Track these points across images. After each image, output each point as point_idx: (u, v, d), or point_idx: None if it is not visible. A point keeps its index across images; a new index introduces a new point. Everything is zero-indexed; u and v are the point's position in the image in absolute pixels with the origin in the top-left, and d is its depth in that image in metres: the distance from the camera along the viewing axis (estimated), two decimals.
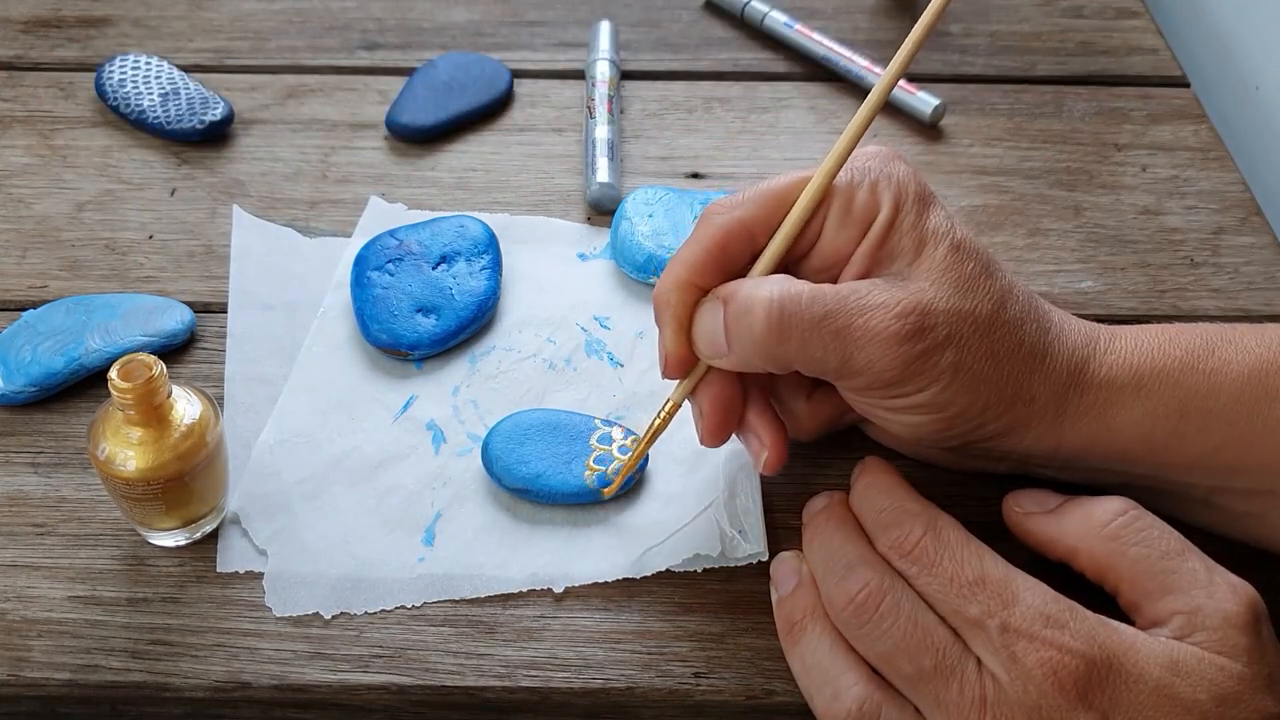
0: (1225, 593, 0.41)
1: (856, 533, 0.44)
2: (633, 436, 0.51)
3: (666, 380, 0.48)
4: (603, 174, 0.63)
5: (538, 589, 0.48)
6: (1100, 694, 0.38)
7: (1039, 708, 0.38)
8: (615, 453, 0.50)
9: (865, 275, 0.45)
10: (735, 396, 0.47)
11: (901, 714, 0.41)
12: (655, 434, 0.49)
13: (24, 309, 0.56)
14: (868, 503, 0.44)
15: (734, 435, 0.49)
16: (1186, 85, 0.72)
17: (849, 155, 0.46)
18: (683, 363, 0.47)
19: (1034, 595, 0.40)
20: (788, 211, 0.46)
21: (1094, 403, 0.45)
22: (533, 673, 0.46)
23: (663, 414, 0.48)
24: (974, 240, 0.46)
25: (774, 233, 0.46)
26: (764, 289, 0.44)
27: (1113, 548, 0.42)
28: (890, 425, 0.47)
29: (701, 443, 0.48)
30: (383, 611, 0.47)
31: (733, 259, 0.46)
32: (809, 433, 0.51)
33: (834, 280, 0.46)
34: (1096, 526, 0.43)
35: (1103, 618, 0.40)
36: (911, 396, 0.44)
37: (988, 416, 0.45)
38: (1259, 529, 0.48)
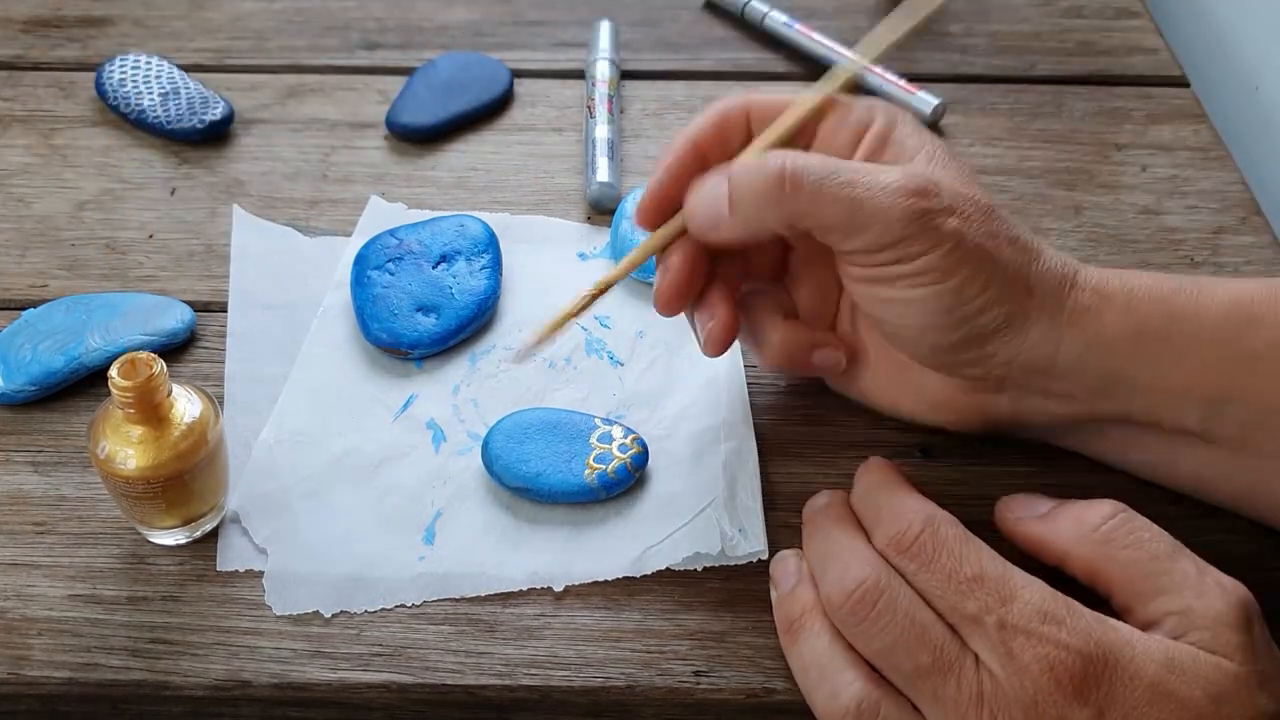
0: (1216, 592, 0.41)
1: (855, 530, 0.44)
2: (633, 435, 0.51)
3: (637, 226, 0.49)
4: (603, 174, 0.63)
5: (538, 588, 0.48)
6: (1096, 690, 0.38)
7: (1035, 704, 0.38)
8: (615, 451, 0.50)
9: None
10: (703, 262, 0.48)
11: (900, 711, 0.41)
12: (595, 296, 0.49)
13: (24, 308, 0.56)
14: (868, 500, 0.45)
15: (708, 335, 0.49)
16: (1186, 85, 0.72)
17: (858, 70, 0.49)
18: (656, 210, 0.48)
19: (1031, 592, 0.40)
20: (784, 106, 0.48)
21: (1089, 303, 0.46)
22: (533, 671, 0.46)
23: (614, 273, 0.49)
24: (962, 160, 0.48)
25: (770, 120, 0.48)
26: (773, 155, 0.45)
27: (1104, 551, 0.43)
28: (891, 311, 0.47)
29: (656, 304, 0.49)
30: (383, 610, 0.47)
31: (730, 135, 0.48)
32: (781, 359, 0.51)
33: None
34: (1087, 530, 0.43)
35: (1100, 615, 0.40)
36: (915, 260, 0.44)
37: (991, 296, 0.45)
38: (1248, 471, 0.48)
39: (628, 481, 0.50)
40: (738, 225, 0.46)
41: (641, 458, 0.51)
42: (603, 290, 0.49)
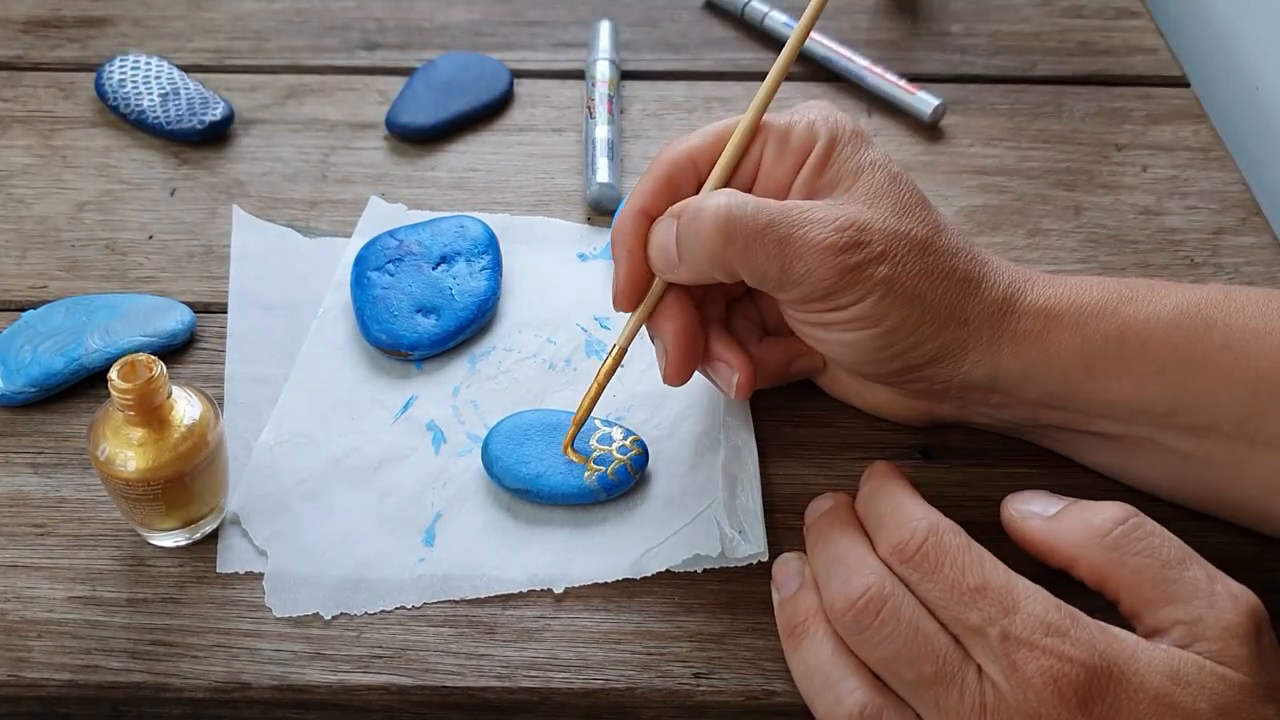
0: (1227, 602, 0.41)
1: (860, 536, 0.44)
2: (633, 436, 0.51)
3: (619, 313, 0.50)
4: (603, 174, 0.63)
5: (538, 589, 0.48)
6: (1100, 703, 0.38)
7: (1039, 716, 0.38)
8: (615, 453, 0.50)
9: (806, 198, 0.47)
10: (696, 330, 0.49)
11: (903, 719, 0.41)
12: (604, 381, 0.50)
13: (24, 309, 0.56)
14: (872, 506, 0.45)
15: (706, 378, 0.51)
16: (1186, 85, 0.72)
17: (779, 81, 0.49)
18: (633, 292, 0.49)
19: (1035, 603, 0.40)
20: (723, 142, 0.49)
21: (1031, 328, 0.46)
22: (533, 673, 0.46)
23: (614, 351, 0.49)
24: (908, 176, 0.48)
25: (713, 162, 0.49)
26: (713, 199, 0.46)
27: (1113, 557, 0.42)
28: (831, 348, 0.48)
29: (666, 381, 0.49)
30: (383, 612, 0.47)
31: (679, 188, 0.49)
32: (764, 375, 0.52)
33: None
34: (1097, 535, 0.43)
35: (1104, 625, 0.40)
36: (847, 310, 0.45)
37: (923, 334, 0.46)
38: (1205, 477, 0.48)
39: (628, 483, 0.50)
40: (687, 273, 0.47)
41: (641, 459, 0.51)
42: (618, 359, 0.50)
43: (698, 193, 0.49)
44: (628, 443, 0.51)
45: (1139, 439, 0.48)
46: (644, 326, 0.50)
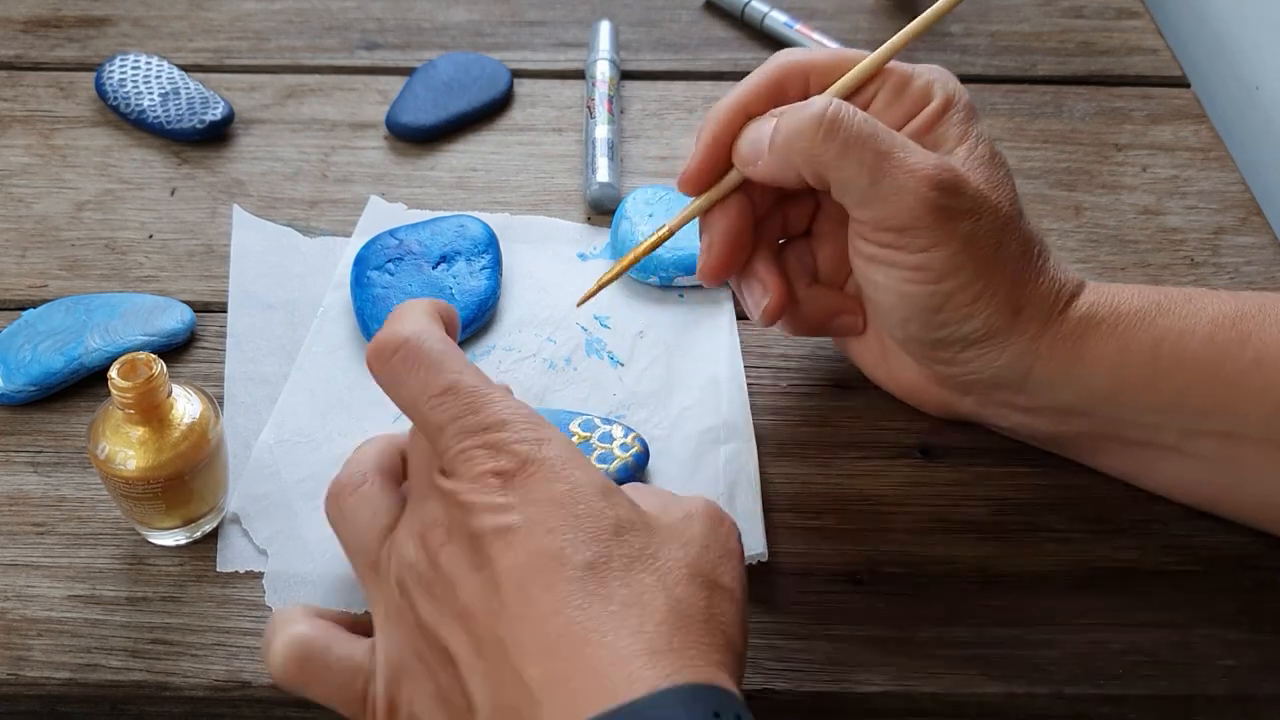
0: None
1: (389, 443, 0.44)
2: (634, 434, 0.51)
3: (680, 193, 0.49)
4: (603, 174, 0.63)
5: None
6: (514, 484, 0.37)
7: (450, 495, 0.38)
8: (617, 451, 0.50)
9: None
10: (747, 234, 0.49)
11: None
12: (648, 250, 0.49)
13: (24, 308, 0.56)
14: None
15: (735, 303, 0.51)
16: (1186, 85, 0.72)
17: (925, 29, 0.48)
18: (701, 179, 0.48)
19: (499, 406, 0.39)
20: (844, 67, 0.48)
21: (1071, 332, 0.46)
22: None
23: (662, 231, 0.49)
24: (1006, 158, 0.48)
25: (830, 84, 0.48)
26: (822, 99, 0.45)
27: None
28: (885, 295, 0.47)
29: (700, 276, 0.49)
30: None
31: (785, 95, 0.48)
32: (800, 325, 0.52)
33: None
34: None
35: (540, 419, 0.40)
36: (918, 253, 0.45)
37: (978, 307, 0.46)
38: (1228, 481, 0.48)
39: (629, 481, 0.50)
40: (773, 164, 0.46)
41: (643, 457, 0.50)
42: (664, 238, 0.49)
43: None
44: (629, 440, 0.51)
45: (1163, 446, 0.48)
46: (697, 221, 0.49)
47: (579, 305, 0.51)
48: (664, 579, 0.36)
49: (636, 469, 0.50)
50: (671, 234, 0.49)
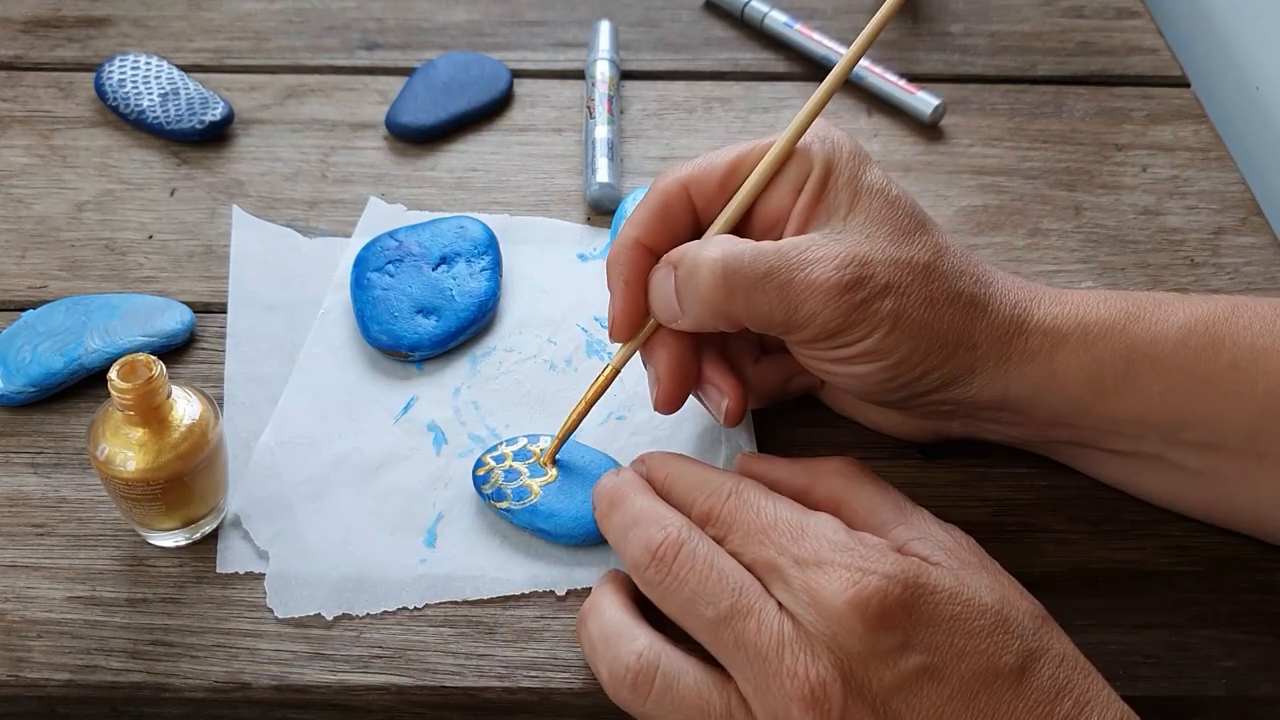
0: (933, 523, 0.43)
1: (655, 496, 0.44)
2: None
3: (612, 344, 0.49)
4: (603, 174, 0.63)
5: (539, 590, 0.48)
6: (905, 616, 0.38)
7: (837, 639, 0.38)
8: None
9: (803, 231, 0.46)
10: (690, 359, 0.48)
11: (684, 663, 0.40)
12: (594, 399, 0.49)
13: (24, 309, 0.56)
14: (678, 483, 0.44)
15: (696, 401, 0.50)
16: (1186, 85, 0.72)
17: (802, 132, 0.47)
18: (629, 325, 0.48)
19: (823, 526, 0.40)
20: (725, 175, 0.47)
21: (1039, 348, 0.46)
22: (533, 673, 0.46)
23: (602, 377, 0.49)
24: (909, 197, 0.47)
25: (713, 194, 0.47)
26: (708, 250, 0.45)
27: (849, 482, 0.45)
28: (839, 379, 0.47)
29: (656, 409, 0.49)
30: (383, 612, 0.47)
31: (675, 218, 0.48)
32: (758, 399, 0.52)
33: (776, 238, 0.46)
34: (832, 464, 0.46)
35: (884, 543, 0.41)
36: (855, 345, 0.45)
37: (930, 363, 0.45)
38: (1214, 491, 0.48)
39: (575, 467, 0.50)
40: (691, 322, 0.46)
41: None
42: (610, 380, 0.49)
43: (693, 220, 0.48)
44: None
45: (1148, 455, 0.48)
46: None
47: (546, 462, 0.50)
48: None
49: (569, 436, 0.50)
50: (616, 374, 0.49)
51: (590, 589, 0.48)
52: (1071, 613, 0.47)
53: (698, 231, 0.48)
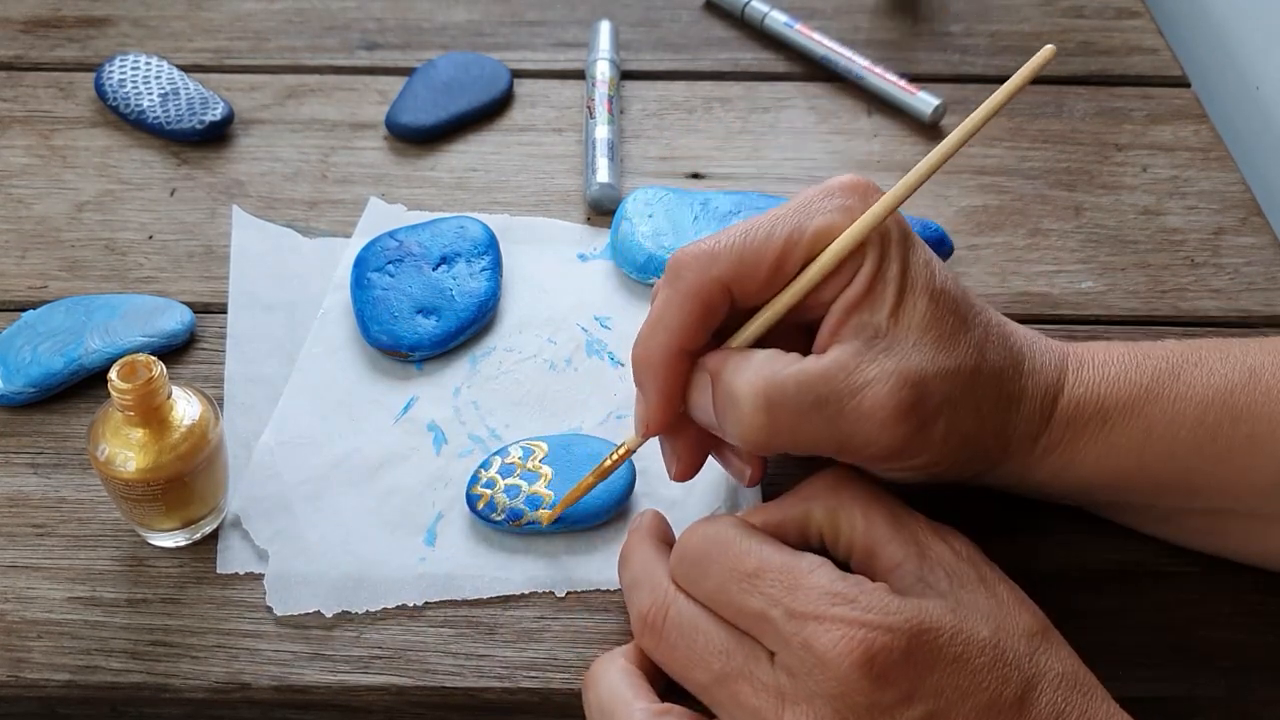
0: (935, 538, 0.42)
1: (655, 553, 0.44)
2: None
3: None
4: (603, 174, 0.63)
5: (539, 591, 0.48)
6: (907, 666, 0.37)
7: (840, 695, 0.37)
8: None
9: (844, 322, 0.43)
10: (709, 438, 0.46)
11: None
12: (606, 472, 0.47)
13: (24, 309, 0.56)
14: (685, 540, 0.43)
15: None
16: (1186, 85, 0.72)
17: (872, 231, 0.43)
18: (665, 422, 0.45)
19: (819, 575, 0.39)
20: (772, 269, 0.43)
21: (1059, 440, 0.45)
22: (533, 674, 0.46)
23: (621, 451, 0.47)
24: (950, 282, 0.44)
25: (758, 289, 0.44)
26: (745, 376, 0.42)
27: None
28: (874, 472, 0.45)
29: (672, 479, 0.47)
30: (383, 612, 0.47)
31: (715, 317, 0.44)
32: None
33: (811, 322, 0.44)
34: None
35: (885, 586, 0.39)
36: (909, 461, 0.43)
37: (970, 467, 0.45)
38: (1219, 544, 0.48)
39: (576, 516, 0.49)
40: (733, 441, 0.44)
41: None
42: (625, 457, 0.47)
43: (731, 310, 0.44)
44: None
45: (1156, 518, 0.49)
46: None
47: (546, 523, 0.48)
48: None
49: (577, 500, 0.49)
50: (630, 453, 0.47)
51: (590, 589, 0.48)
52: (1071, 613, 0.47)
53: (736, 316, 0.45)
